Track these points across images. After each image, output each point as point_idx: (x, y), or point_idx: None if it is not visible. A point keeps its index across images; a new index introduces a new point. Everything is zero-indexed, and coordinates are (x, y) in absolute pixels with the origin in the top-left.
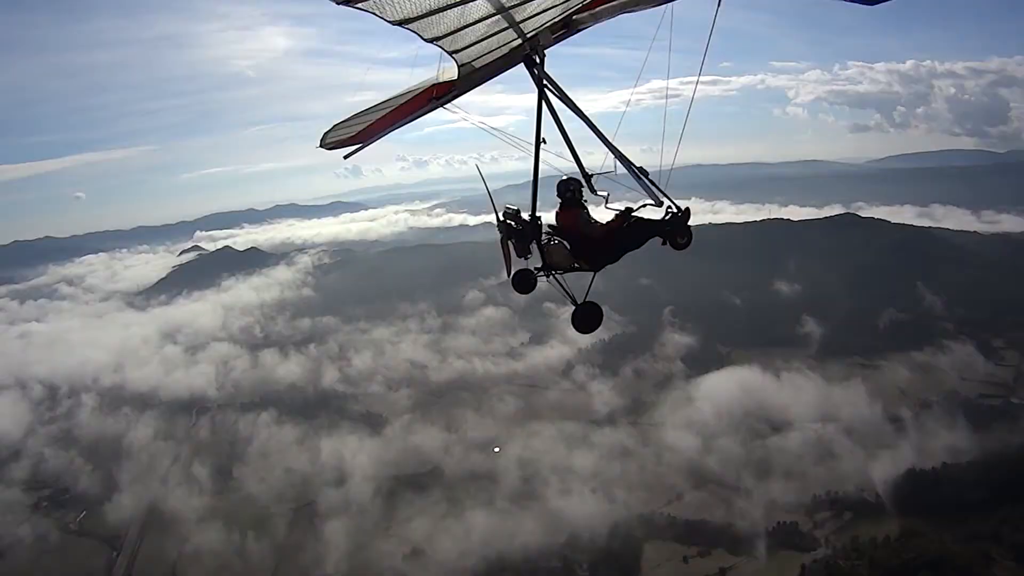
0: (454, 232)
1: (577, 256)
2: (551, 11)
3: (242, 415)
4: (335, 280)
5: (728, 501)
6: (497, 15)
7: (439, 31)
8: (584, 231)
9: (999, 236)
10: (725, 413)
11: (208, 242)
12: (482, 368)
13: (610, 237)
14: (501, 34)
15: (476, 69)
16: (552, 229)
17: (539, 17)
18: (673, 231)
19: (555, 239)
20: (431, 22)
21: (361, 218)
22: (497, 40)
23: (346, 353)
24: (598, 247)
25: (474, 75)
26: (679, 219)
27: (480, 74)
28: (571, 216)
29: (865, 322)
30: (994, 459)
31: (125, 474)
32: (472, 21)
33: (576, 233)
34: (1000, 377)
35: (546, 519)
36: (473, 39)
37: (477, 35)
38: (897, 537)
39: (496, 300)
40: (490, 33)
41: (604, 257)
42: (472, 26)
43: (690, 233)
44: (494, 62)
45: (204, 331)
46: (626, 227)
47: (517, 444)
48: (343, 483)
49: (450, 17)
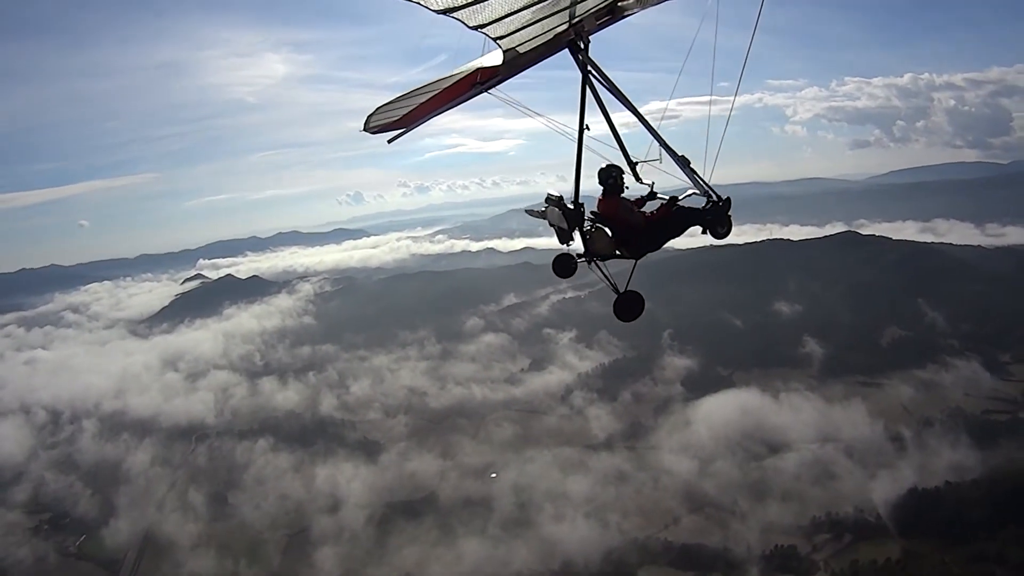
0: (456, 259)
1: (619, 243)
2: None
3: (239, 442)
4: (336, 308)
5: (725, 525)
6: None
7: (484, 18)
8: (626, 219)
9: (1004, 249)
10: (722, 436)
11: (211, 270)
12: (480, 394)
13: (652, 225)
14: (546, 20)
15: (520, 55)
16: (594, 216)
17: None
18: (714, 220)
19: (597, 226)
20: (476, 10)
21: (363, 245)
22: (542, 26)
23: (345, 380)
24: (640, 235)
25: (518, 60)
26: (720, 208)
27: (524, 59)
28: (613, 204)
29: (867, 341)
30: (999, 477)
31: (123, 499)
32: (518, 8)
33: (618, 221)
34: (1007, 393)
35: (540, 545)
36: (518, 25)
37: (522, 21)
38: (898, 559)
39: (496, 327)
40: (536, 19)
41: (646, 245)
42: (518, 13)
43: (730, 222)
44: (538, 47)
45: (205, 359)
46: (672, 217)
47: (513, 470)
48: (337, 510)
49: (496, 4)
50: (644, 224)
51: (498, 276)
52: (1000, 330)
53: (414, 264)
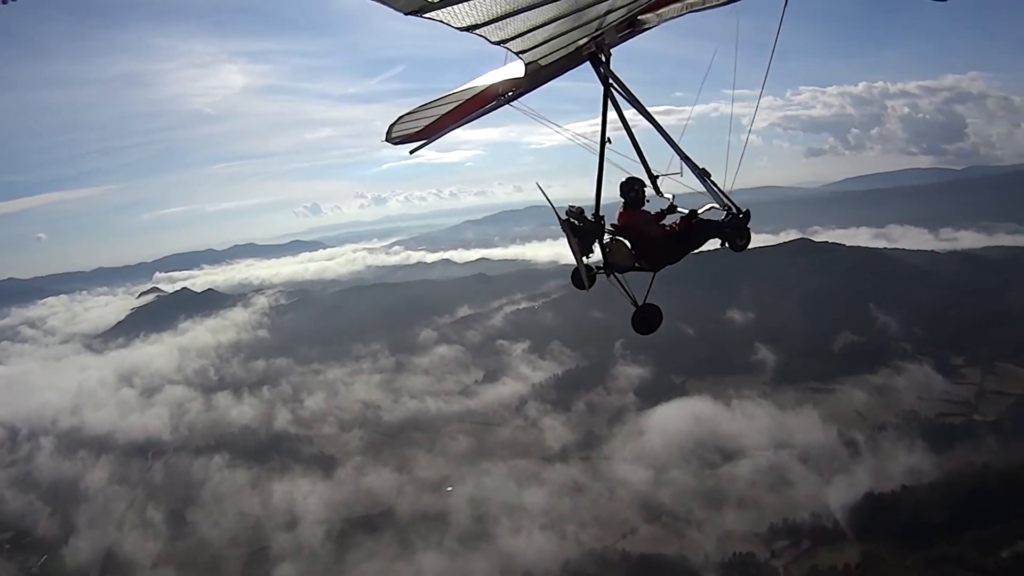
0: (412, 270)
1: (639, 256)
2: (618, 11)
3: (196, 458)
4: (290, 321)
5: (682, 534)
6: (565, 17)
7: (507, 34)
8: (645, 231)
9: (957, 254)
10: (676, 444)
11: (167, 283)
12: (435, 407)
13: (673, 239)
14: (568, 34)
15: (542, 67)
16: (614, 228)
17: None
18: (733, 233)
19: (617, 238)
20: (499, 26)
21: (319, 257)
22: (564, 40)
23: (299, 395)
24: (660, 247)
25: (540, 73)
26: (740, 221)
27: (546, 72)
28: (633, 216)
29: (820, 347)
30: (956, 479)
31: (83, 518)
32: (540, 23)
33: (638, 233)
34: (961, 395)
35: (498, 558)
36: (540, 40)
37: (545, 36)
38: (858, 564)
39: (450, 338)
40: (558, 33)
41: (665, 258)
42: (539, 28)
43: (749, 235)
44: (560, 60)
45: (160, 374)
46: (689, 229)
47: (469, 483)
48: (295, 526)
49: (518, 20)
50: (664, 237)
51: (452, 288)
52: (953, 334)
53: (369, 276)
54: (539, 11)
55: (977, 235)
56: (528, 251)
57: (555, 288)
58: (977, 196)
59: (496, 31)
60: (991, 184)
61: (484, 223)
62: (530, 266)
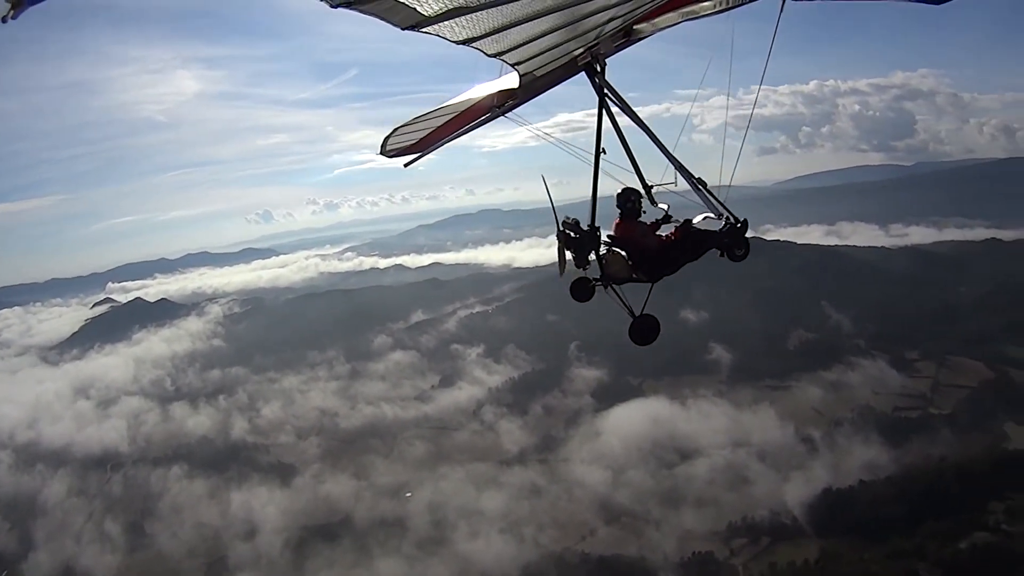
0: (365, 276)
1: (635, 267)
2: (613, 22)
3: (153, 470)
4: (245, 330)
5: (641, 534)
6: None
7: (503, 46)
8: (642, 242)
9: (907, 249)
10: (634, 445)
11: (120, 293)
12: (391, 413)
13: (669, 249)
14: (564, 45)
15: (537, 78)
16: (611, 240)
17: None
18: (731, 243)
19: (614, 250)
20: (496, 39)
21: (272, 265)
22: (560, 51)
23: (255, 404)
24: (657, 259)
25: (535, 84)
26: (737, 231)
27: (541, 83)
28: (630, 227)
29: (774, 345)
30: (914, 473)
31: (41, 532)
32: (536, 35)
33: (635, 244)
34: (916, 389)
35: (457, 563)
36: (536, 51)
37: (540, 48)
38: (817, 559)
39: (404, 344)
40: (553, 45)
41: (662, 269)
42: (535, 40)
43: (748, 245)
44: (555, 71)
45: (116, 385)
46: (686, 240)
47: (427, 488)
48: (253, 536)
49: (514, 34)
50: (661, 248)
51: (406, 293)
52: (906, 328)
53: (323, 283)
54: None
55: (927, 230)
56: (481, 255)
57: (508, 292)
58: (927, 192)
59: (492, 44)
60: (940, 180)
61: (436, 227)
62: (483, 270)
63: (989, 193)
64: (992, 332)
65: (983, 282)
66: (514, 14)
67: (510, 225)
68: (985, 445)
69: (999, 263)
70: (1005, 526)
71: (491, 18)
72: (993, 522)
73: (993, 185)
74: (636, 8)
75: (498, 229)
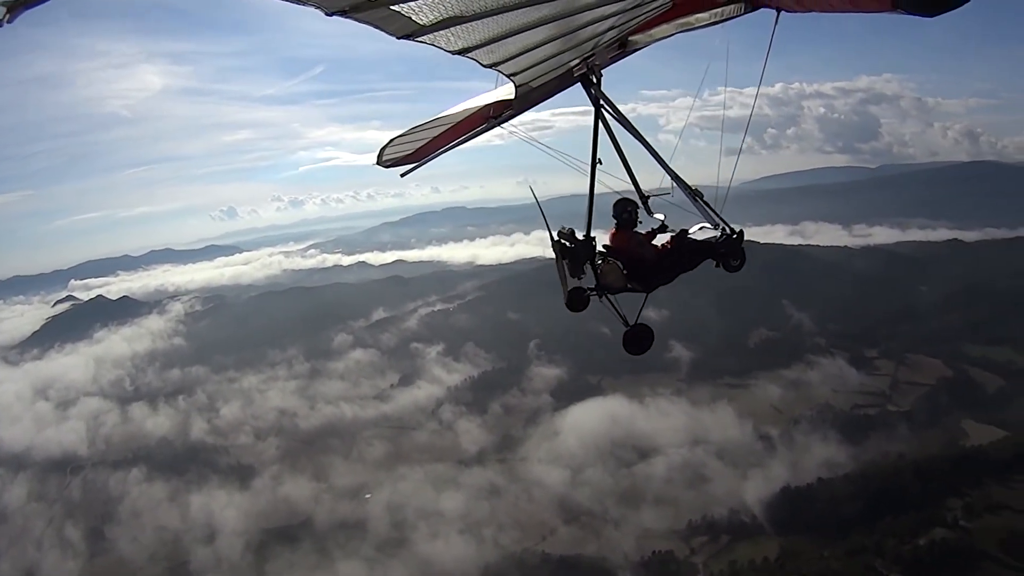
0: (328, 273)
1: (631, 277)
2: (609, 33)
3: (113, 473)
4: (206, 328)
5: (601, 533)
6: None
7: (499, 57)
8: (638, 252)
9: (870, 249)
10: (592, 444)
11: (82, 291)
12: (351, 413)
13: (664, 259)
14: (559, 56)
15: (533, 89)
16: (606, 249)
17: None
18: (727, 253)
19: (609, 260)
20: (491, 49)
21: (235, 262)
22: (555, 62)
23: (215, 404)
24: (652, 269)
25: (531, 95)
26: (733, 241)
27: (537, 93)
28: (625, 237)
29: (734, 343)
30: (872, 470)
31: (1, 539)
32: (532, 46)
33: (630, 254)
34: (875, 387)
35: (417, 565)
36: (532, 62)
37: (536, 58)
38: (777, 557)
39: (365, 342)
40: (549, 56)
41: (658, 279)
42: (531, 51)
43: (744, 255)
44: (551, 82)
45: (75, 386)
46: (680, 249)
47: (387, 489)
48: (213, 539)
49: (509, 44)
50: (657, 258)
51: (368, 291)
52: (867, 327)
53: (286, 280)
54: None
55: (890, 231)
56: (444, 252)
57: (471, 289)
58: (891, 193)
59: (488, 54)
60: (904, 181)
61: (401, 225)
62: (446, 268)
63: (952, 195)
64: (951, 331)
65: (944, 282)
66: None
67: (475, 223)
68: (943, 442)
69: (960, 264)
70: (963, 522)
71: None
72: (951, 518)
73: (956, 187)
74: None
75: (462, 227)
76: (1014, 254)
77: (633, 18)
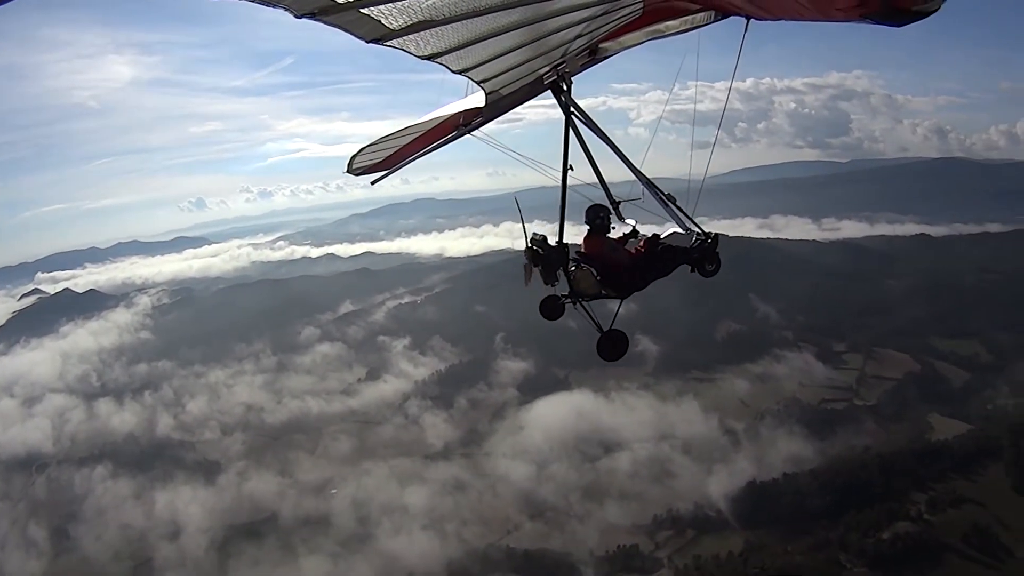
0: (297, 265)
1: (604, 283)
2: (579, 40)
3: (78, 470)
4: (173, 321)
5: (566, 528)
6: (526, 46)
7: (468, 63)
8: (611, 258)
9: (838, 243)
10: (558, 438)
11: (49, 284)
12: (317, 408)
13: (638, 265)
14: (529, 63)
15: (504, 96)
16: (579, 256)
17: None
18: (701, 258)
19: (582, 266)
20: (461, 55)
21: (204, 254)
22: (525, 69)
23: (181, 399)
24: (625, 274)
25: (501, 102)
26: (708, 246)
27: (507, 101)
28: (598, 243)
29: (702, 337)
30: (837, 464)
31: None
32: (501, 52)
33: (603, 260)
34: (843, 381)
35: (381, 561)
36: (502, 68)
37: (506, 65)
38: (741, 551)
39: (332, 336)
40: (519, 63)
41: (631, 285)
42: (501, 57)
43: (719, 260)
44: (521, 90)
45: (41, 382)
46: (654, 255)
47: (351, 485)
48: (178, 536)
49: (479, 49)
50: (630, 263)
51: (336, 283)
52: (834, 321)
53: (254, 272)
54: (501, 39)
55: (859, 224)
56: (413, 244)
57: (438, 282)
58: (860, 188)
59: (458, 60)
60: (874, 176)
61: (370, 216)
62: (415, 260)
63: (921, 191)
64: (919, 325)
65: (912, 276)
66: (479, 30)
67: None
68: (909, 436)
69: (928, 258)
70: (927, 516)
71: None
72: (915, 512)
73: (925, 183)
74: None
75: (432, 219)
76: (981, 249)
77: (603, 25)
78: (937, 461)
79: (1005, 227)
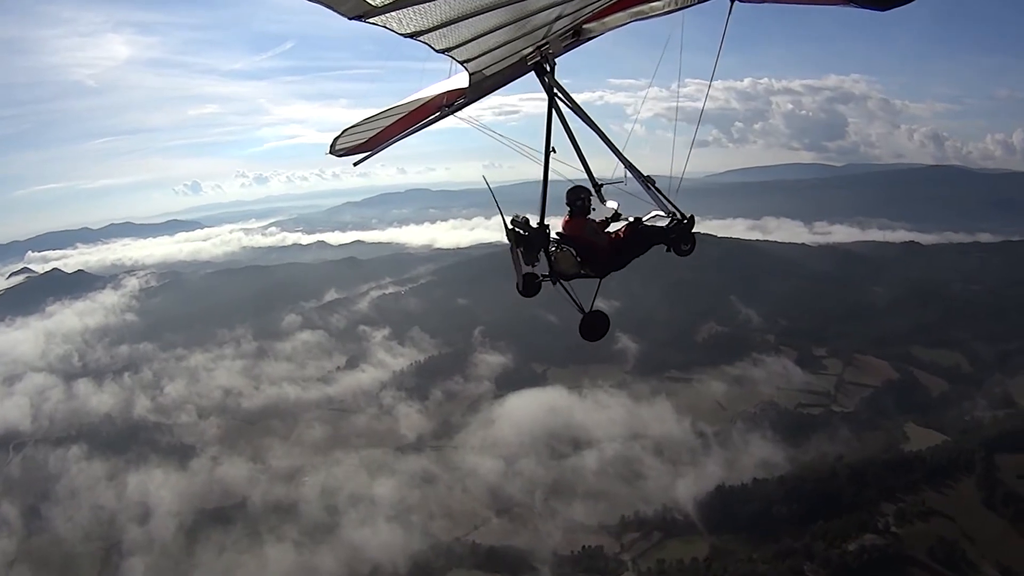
0: (287, 252)
1: (584, 264)
2: (562, 20)
3: (54, 450)
4: (159, 304)
5: (532, 526)
6: (509, 25)
7: (451, 42)
8: (591, 239)
9: (828, 247)
10: (528, 434)
11: (39, 263)
12: (294, 394)
13: (616, 245)
14: (512, 43)
15: (487, 77)
16: (560, 237)
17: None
18: (678, 238)
19: (563, 247)
20: (443, 33)
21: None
22: (508, 49)
23: (160, 381)
24: (605, 255)
25: (484, 83)
26: (684, 227)
27: (490, 82)
28: (578, 224)
29: (682, 337)
30: (807, 472)
31: None
32: (484, 32)
33: (583, 241)
34: (821, 387)
35: (346, 551)
36: (485, 49)
37: (489, 45)
38: (706, 557)
39: (314, 324)
40: (502, 43)
41: (610, 265)
42: (484, 36)
43: (694, 240)
44: (504, 70)
45: (23, 360)
46: (633, 236)
47: (322, 473)
48: (148, 520)
49: (462, 28)
50: (609, 244)
51: (323, 271)
52: (817, 325)
53: (244, 257)
54: (484, 18)
55: (850, 230)
56: (404, 234)
57: (424, 273)
58: (854, 192)
59: (441, 38)
60: (869, 181)
61: (363, 205)
62: (403, 250)
63: (914, 197)
64: (901, 333)
65: (898, 283)
66: (462, 8)
67: (437, 205)
68: (883, 445)
69: (915, 266)
70: (894, 528)
71: (439, 11)
72: (883, 524)
73: (920, 190)
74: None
75: (424, 209)
76: (969, 259)
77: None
78: (909, 472)
79: (995, 237)
